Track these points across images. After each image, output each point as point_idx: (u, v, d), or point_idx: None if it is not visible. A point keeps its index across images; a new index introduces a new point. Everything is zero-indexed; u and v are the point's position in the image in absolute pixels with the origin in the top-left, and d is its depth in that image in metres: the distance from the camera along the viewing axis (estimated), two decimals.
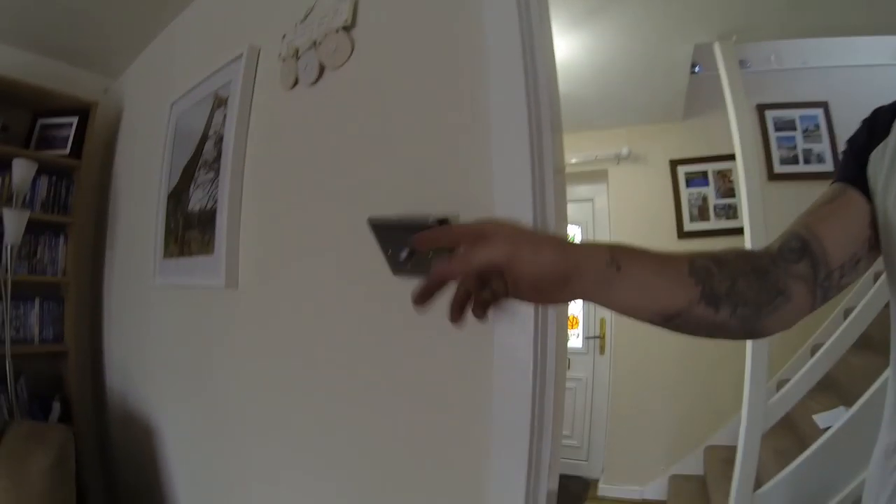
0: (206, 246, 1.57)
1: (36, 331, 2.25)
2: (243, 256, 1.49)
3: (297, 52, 1.36)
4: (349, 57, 1.22)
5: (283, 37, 1.43)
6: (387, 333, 1.06)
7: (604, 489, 3.19)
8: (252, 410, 1.44)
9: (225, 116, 1.59)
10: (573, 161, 3.48)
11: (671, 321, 0.46)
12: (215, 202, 1.55)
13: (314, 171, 1.31)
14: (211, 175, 1.61)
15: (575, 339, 3.66)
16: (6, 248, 1.97)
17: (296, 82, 1.39)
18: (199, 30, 2.02)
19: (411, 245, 0.92)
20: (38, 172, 2.19)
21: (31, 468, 1.52)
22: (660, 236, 3.18)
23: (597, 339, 3.54)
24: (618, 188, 3.44)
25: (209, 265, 1.54)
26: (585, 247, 0.44)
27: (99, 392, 2.40)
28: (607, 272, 0.42)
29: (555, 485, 0.86)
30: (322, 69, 1.30)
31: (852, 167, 0.55)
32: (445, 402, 0.95)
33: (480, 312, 0.42)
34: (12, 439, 1.58)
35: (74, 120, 2.33)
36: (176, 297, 1.81)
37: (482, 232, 0.41)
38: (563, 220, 0.90)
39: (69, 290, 2.30)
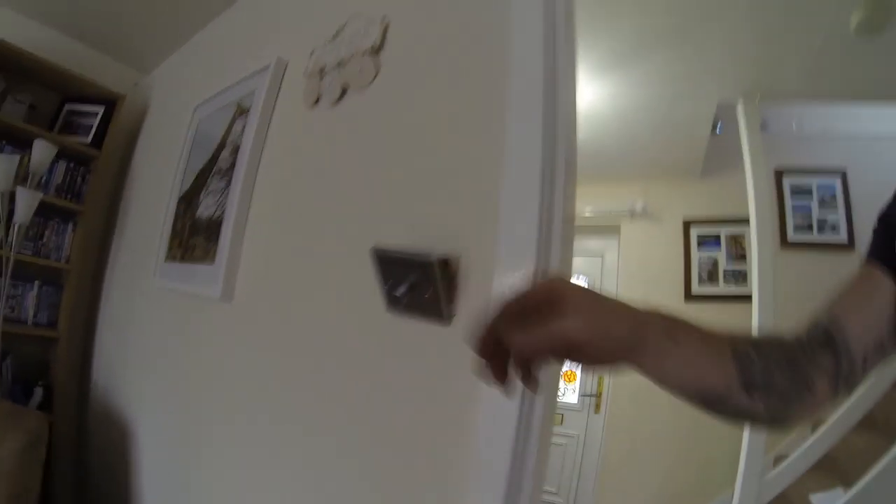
0: (209, 255, 1.56)
1: (31, 313, 2.24)
2: (243, 270, 1.48)
3: (322, 69, 1.38)
4: (373, 80, 1.23)
5: (312, 53, 1.44)
6: (374, 371, 1.03)
7: None
8: (224, 429, 1.40)
9: (244, 127, 1.60)
10: (587, 213, 3.47)
11: (710, 404, 0.44)
12: (223, 212, 1.55)
13: (323, 194, 1.30)
14: (223, 184, 1.61)
15: (570, 395, 3.59)
16: (14, 226, 1.98)
17: (317, 100, 1.40)
18: (233, 35, 2.06)
19: (411, 281, 0.91)
20: (58, 157, 2.23)
21: (1, 448, 1.50)
22: (667, 297, 3.15)
23: (593, 397, 3.46)
24: (629, 244, 3.42)
25: (208, 274, 1.53)
26: (650, 315, 0.42)
27: (84, 384, 2.37)
28: (666, 344, 0.41)
29: None
30: (344, 90, 1.31)
31: (882, 244, 0.52)
32: (425, 444, 0.92)
33: (534, 385, 0.41)
34: None
35: (101, 110, 2.37)
36: (170, 302, 1.80)
37: (554, 295, 0.39)
38: (567, 272, 0.88)
39: (70, 278, 2.30)
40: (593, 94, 2.74)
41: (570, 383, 3.60)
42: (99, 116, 2.36)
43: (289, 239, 1.37)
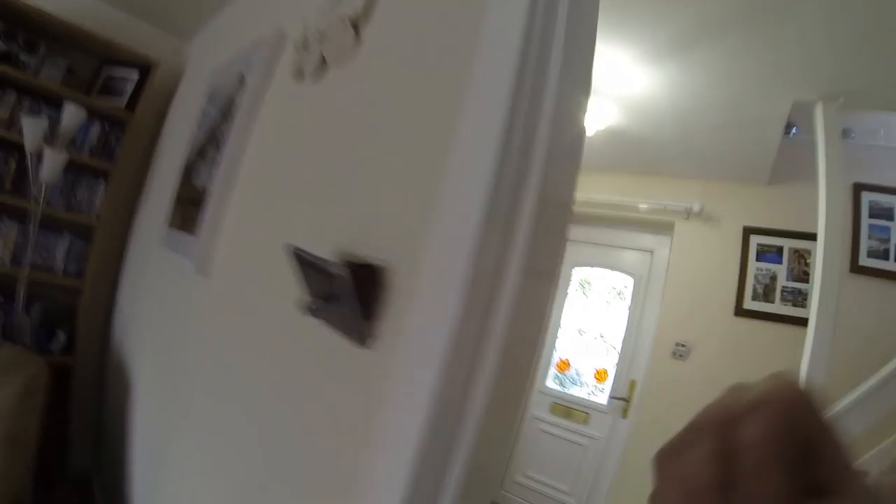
0: (196, 226, 1.53)
1: (61, 263, 2.35)
2: (223, 246, 1.43)
3: (307, 41, 1.28)
4: (351, 55, 1.11)
5: (304, 23, 1.34)
6: (291, 372, 0.95)
7: None
8: (190, 405, 1.38)
9: (242, 98, 1.54)
10: (642, 206, 3.21)
11: None
12: (210, 184, 1.51)
13: (290, 178, 1.22)
14: (217, 155, 1.57)
15: (600, 395, 3.40)
16: (42, 184, 2.06)
17: (302, 75, 1.30)
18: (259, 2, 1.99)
19: (325, 291, 0.80)
20: (93, 118, 2.30)
21: (2, 393, 1.57)
22: (715, 308, 2.87)
23: (623, 401, 3.24)
24: (682, 245, 3.13)
25: (190, 246, 1.50)
26: None
27: (105, 333, 2.48)
28: None
29: None
30: (324, 64, 1.20)
31: None
32: (322, 456, 0.82)
33: None
34: None
35: (136, 74, 2.41)
36: (165, 266, 1.81)
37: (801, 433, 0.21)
38: (551, 271, 0.73)
39: (98, 233, 2.39)
40: (649, 81, 2.48)
41: (601, 383, 3.41)
42: (135, 81, 2.41)
43: (260, 220, 1.30)
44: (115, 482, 1.92)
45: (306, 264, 0.82)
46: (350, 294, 0.74)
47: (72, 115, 2.08)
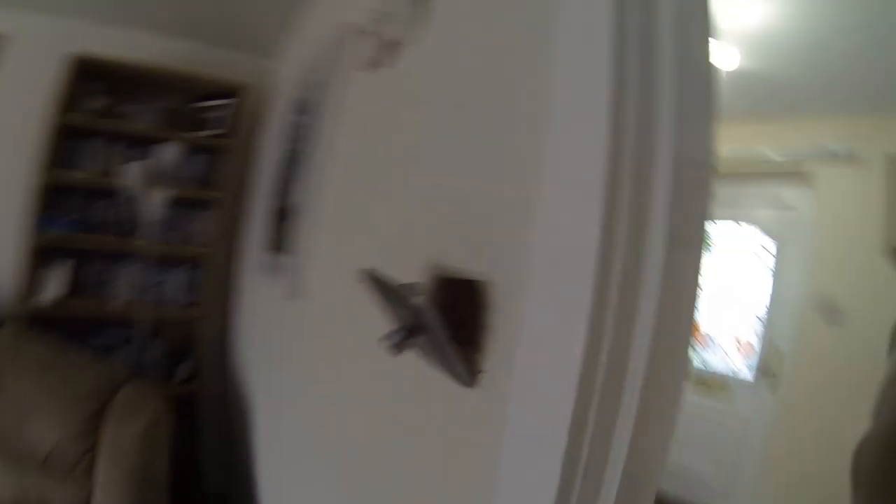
0: (291, 245, 1.48)
1: (178, 296, 2.47)
2: (318, 266, 1.35)
3: (376, 24, 1.16)
4: (424, 26, 0.97)
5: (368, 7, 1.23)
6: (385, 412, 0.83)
7: None
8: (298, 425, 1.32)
9: (318, 104, 1.47)
10: (770, 156, 2.78)
11: None
12: (299, 201, 1.45)
13: (376, 179, 1.10)
14: (306, 168, 1.51)
15: (744, 370, 3.01)
16: (151, 223, 2.16)
17: (376, 62, 1.19)
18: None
19: (406, 323, 0.59)
20: (193, 151, 2.39)
21: (125, 432, 1.62)
22: (870, 265, 2.39)
23: (773, 377, 2.82)
24: (827, 194, 2.65)
25: (285, 267, 1.45)
26: None
27: (224, 359, 2.58)
28: None
29: None
30: (397, 45, 1.08)
31: None
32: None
33: None
34: (120, 402, 1.71)
35: (228, 101, 2.48)
36: (268, 290, 1.79)
37: None
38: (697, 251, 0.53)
39: (208, 261, 2.48)
40: (768, 10, 2.10)
41: (743, 355, 3.03)
42: (227, 109, 2.47)
43: (350, 234, 1.20)
44: (248, 500, 1.96)
45: (387, 291, 0.68)
46: (437, 323, 0.57)
47: (169, 154, 2.16)
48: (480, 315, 0.60)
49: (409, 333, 0.59)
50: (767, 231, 3.02)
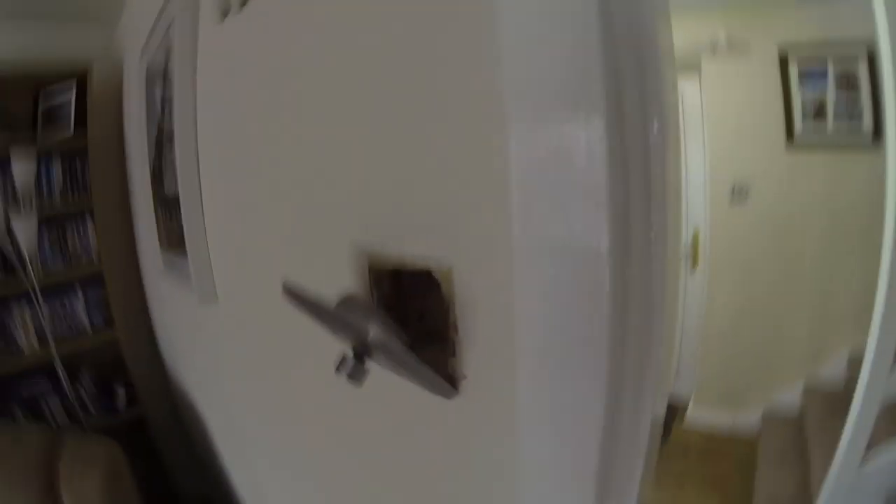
0: (181, 243, 1.24)
1: (86, 321, 2.17)
2: (217, 260, 1.15)
3: None
4: None
5: None
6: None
7: (693, 414, 2.86)
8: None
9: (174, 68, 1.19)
10: None
11: None
12: (177, 187, 1.20)
13: (261, 148, 0.89)
14: (172, 150, 1.25)
15: None
16: (25, 256, 1.82)
17: (227, 10, 0.94)
18: None
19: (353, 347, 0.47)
20: (49, 157, 2.01)
21: (84, 492, 1.45)
22: (765, 144, 2.51)
23: (687, 256, 2.93)
24: (713, 86, 2.68)
25: (184, 268, 1.22)
26: None
27: (160, 372, 2.34)
28: None
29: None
30: None
31: None
32: None
33: None
34: (68, 461, 1.51)
35: (73, 89, 2.06)
36: (176, 293, 1.56)
37: None
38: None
39: (107, 275, 2.17)
40: None
41: None
42: (73, 97, 2.06)
43: (250, 223, 0.99)
44: (226, 494, 1.83)
45: (316, 311, 0.50)
46: (390, 336, 0.44)
47: (21, 169, 1.79)
48: (445, 311, 0.47)
49: (360, 357, 0.44)
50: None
